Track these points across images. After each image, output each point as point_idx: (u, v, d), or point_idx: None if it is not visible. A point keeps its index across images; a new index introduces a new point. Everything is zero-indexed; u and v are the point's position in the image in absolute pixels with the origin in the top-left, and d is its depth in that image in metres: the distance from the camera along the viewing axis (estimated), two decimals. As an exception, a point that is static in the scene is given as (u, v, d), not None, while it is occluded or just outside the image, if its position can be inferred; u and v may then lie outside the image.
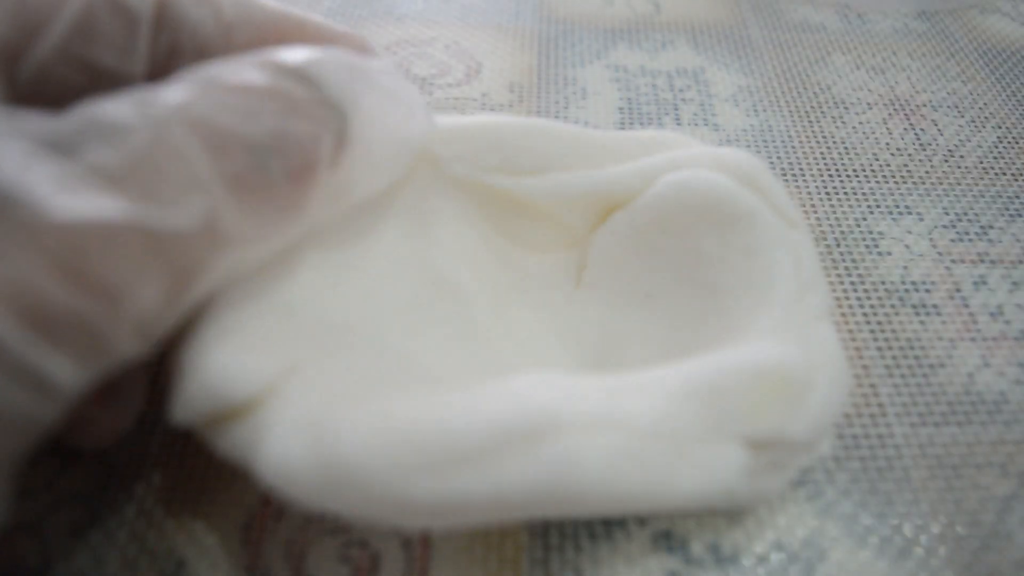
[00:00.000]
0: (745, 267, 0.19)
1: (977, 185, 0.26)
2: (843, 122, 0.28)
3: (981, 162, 0.27)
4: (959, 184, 0.26)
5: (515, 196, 0.21)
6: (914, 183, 0.26)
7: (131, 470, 0.18)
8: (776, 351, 0.16)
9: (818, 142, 0.27)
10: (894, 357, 0.21)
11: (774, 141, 0.27)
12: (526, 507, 0.15)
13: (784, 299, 0.18)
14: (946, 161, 0.27)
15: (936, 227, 0.24)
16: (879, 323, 0.21)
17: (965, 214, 0.25)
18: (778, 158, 0.26)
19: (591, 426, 0.15)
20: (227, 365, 0.15)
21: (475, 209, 0.21)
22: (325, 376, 0.15)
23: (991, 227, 0.24)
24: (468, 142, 0.20)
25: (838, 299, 0.22)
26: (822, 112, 0.29)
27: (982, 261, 0.23)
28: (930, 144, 0.27)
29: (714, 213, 0.20)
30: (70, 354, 0.12)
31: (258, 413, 0.15)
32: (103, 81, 0.16)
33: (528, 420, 0.15)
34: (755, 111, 0.28)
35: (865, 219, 0.24)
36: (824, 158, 0.26)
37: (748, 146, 0.27)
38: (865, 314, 0.22)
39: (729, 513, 0.17)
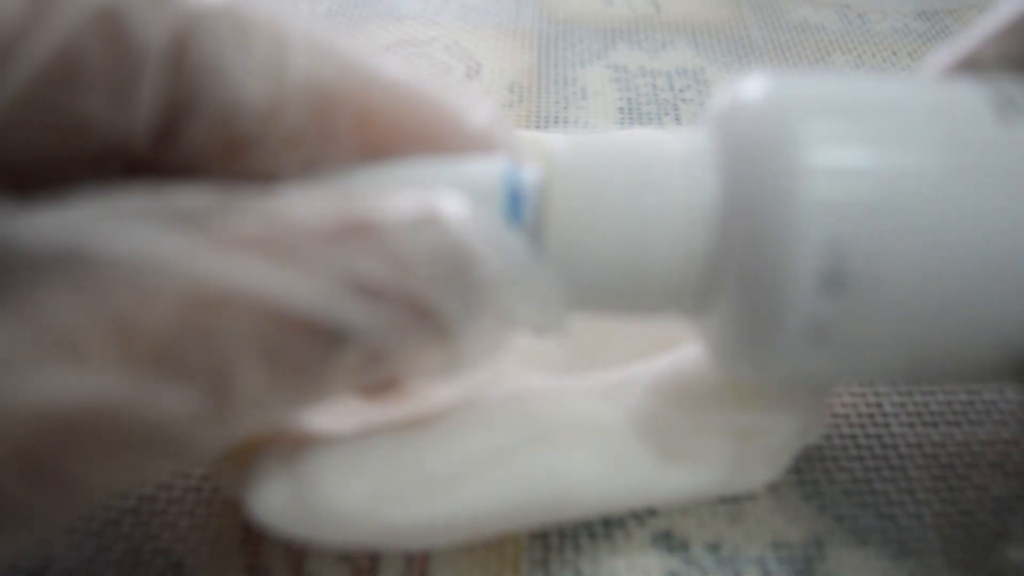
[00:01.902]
0: None
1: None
2: (843, 122, 0.28)
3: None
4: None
5: None
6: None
7: (131, 470, 0.18)
8: None
9: (818, 142, 0.27)
10: (893, 357, 0.21)
11: (774, 141, 0.27)
12: (510, 521, 0.15)
13: None
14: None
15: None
16: (878, 323, 0.21)
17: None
18: (778, 158, 0.26)
19: (569, 434, 0.15)
20: None
21: None
22: (318, 414, 0.16)
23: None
24: None
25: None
26: (822, 112, 0.29)
27: (981, 261, 0.23)
28: (930, 144, 0.27)
29: None
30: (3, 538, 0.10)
31: (250, 456, 0.15)
32: (86, 135, 0.12)
33: (502, 437, 0.15)
34: (755, 111, 0.28)
35: (865, 219, 0.24)
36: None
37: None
38: (864, 314, 0.22)
39: (729, 513, 0.17)
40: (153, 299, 0.10)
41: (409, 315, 0.12)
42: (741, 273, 0.13)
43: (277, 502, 0.14)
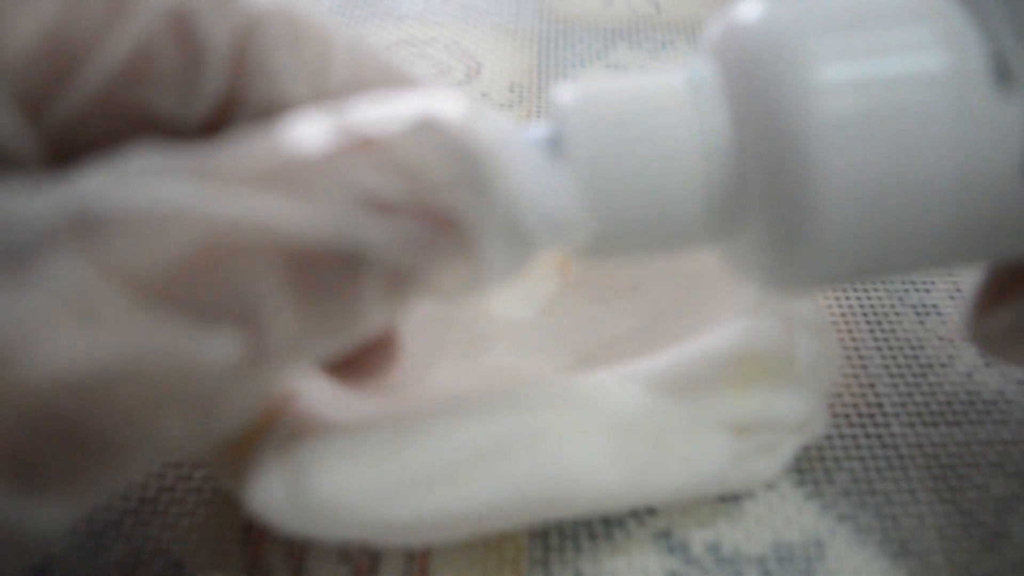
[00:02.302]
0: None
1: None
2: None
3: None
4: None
5: None
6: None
7: (132, 470, 0.18)
8: (751, 332, 0.17)
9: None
10: (893, 356, 0.21)
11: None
12: (509, 517, 0.15)
13: None
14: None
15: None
16: (878, 322, 0.21)
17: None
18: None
19: (567, 430, 0.15)
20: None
21: None
22: (316, 407, 0.16)
23: (991, 227, 0.24)
24: None
25: (837, 298, 0.22)
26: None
27: (982, 261, 0.23)
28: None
29: None
30: (52, 505, 0.10)
31: (248, 449, 0.15)
32: (151, 125, 0.12)
33: (501, 433, 0.15)
34: (755, 111, 0.28)
35: (865, 219, 0.24)
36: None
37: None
38: (864, 313, 0.22)
39: (729, 513, 0.17)
40: (164, 246, 0.10)
41: (426, 224, 0.12)
42: (764, 196, 0.13)
43: (275, 496, 0.14)
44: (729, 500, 0.18)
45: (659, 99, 0.14)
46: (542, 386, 0.16)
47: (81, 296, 0.10)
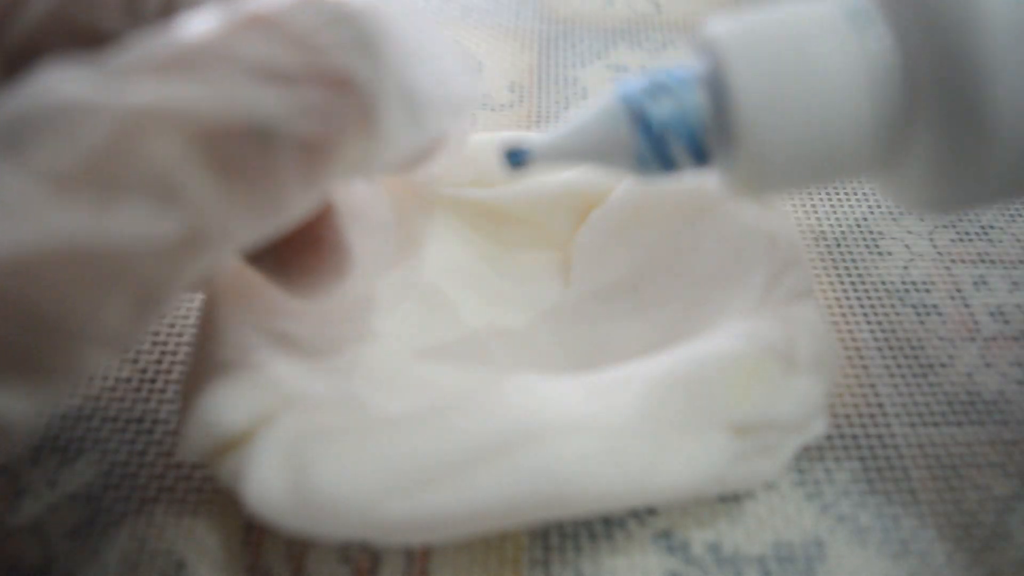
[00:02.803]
0: (719, 254, 0.19)
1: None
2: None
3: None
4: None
5: (493, 205, 0.21)
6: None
7: (131, 470, 0.18)
8: (752, 333, 0.17)
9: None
10: (894, 357, 0.21)
11: (774, 141, 0.27)
12: (509, 516, 0.15)
13: (759, 282, 0.18)
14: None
15: (936, 227, 0.24)
16: (879, 323, 0.21)
17: (965, 214, 0.25)
18: (778, 158, 0.26)
19: (568, 430, 0.15)
20: (221, 404, 0.15)
21: (458, 222, 0.21)
22: (316, 406, 0.16)
23: (991, 227, 0.24)
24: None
25: (838, 299, 0.22)
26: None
27: (982, 261, 0.23)
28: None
29: (685, 203, 0.20)
30: (16, 392, 0.11)
31: (247, 446, 0.15)
32: (98, 44, 0.13)
33: (502, 432, 0.15)
34: (755, 111, 0.28)
35: (865, 219, 0.24)
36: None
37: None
38: (865, 314, 0.22)
39: (729, 513, 0.17)
40: (76, 140, 0.11)
41: (325, 90, 0.12)
42: (936, 116, 0.13)
43: (274, 494, 0.14)
44: (729, 500, 0.18)
45: (818, 27, 0.14)
46: (542, 386, 0.16)
47: (5, 193, 0.11)
